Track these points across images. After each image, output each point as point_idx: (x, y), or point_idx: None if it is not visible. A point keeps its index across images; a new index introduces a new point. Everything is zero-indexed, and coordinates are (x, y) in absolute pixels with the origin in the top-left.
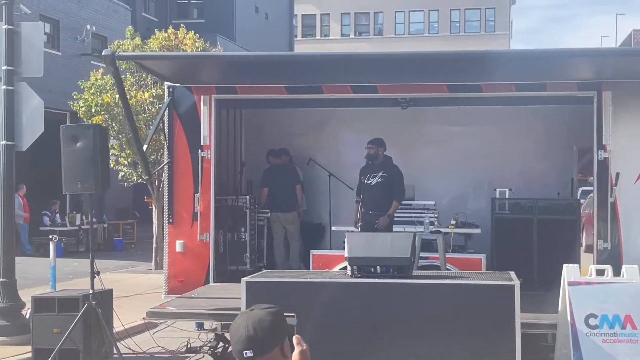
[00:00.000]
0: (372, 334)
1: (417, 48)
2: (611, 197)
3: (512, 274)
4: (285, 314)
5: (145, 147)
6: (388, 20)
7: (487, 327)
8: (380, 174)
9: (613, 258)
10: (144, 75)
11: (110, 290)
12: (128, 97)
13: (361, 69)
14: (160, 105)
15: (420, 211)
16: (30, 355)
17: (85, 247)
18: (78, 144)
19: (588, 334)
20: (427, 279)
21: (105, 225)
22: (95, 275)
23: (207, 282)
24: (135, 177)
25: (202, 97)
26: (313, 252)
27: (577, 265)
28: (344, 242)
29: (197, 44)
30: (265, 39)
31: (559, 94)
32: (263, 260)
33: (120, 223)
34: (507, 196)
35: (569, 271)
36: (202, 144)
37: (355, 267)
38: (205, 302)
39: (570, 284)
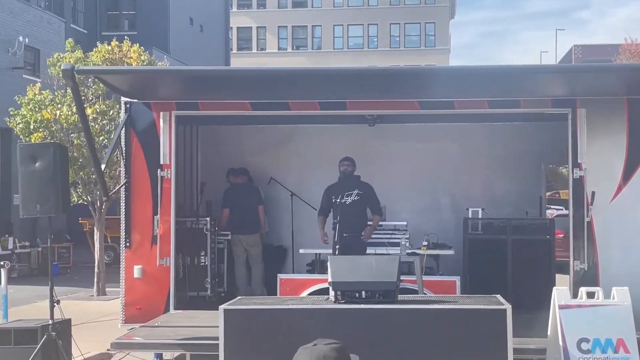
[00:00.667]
0: None
1: (356, 63)
2: (587, 216)
3: (500, 297)
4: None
5: (103, 166)
6: (326, 34)
7: (478, 354)
8: (356, 192)
9: (590, 279)
10: (84, 90)
11: (69, 320)
12: (69, 113)
13: (332, 84)
14: (104, 122)
15: (391, 232)
16: None
17: (18, 273)
18: (37, 164)
19: (580, 359)
20: (415, 304)
21: (40, 249)
22: (55, 304)
23: (167, 309)
24: (75, 198)
25: (161, 113)
26: (280, 276)
27: (567, 287)
28: (327, 265)
29: (142, 57)
30: (201, 52)
31: (533, 110)
32: (223, 285)
33: (56, 247)
34: (479, 216)
35: (559, 294)
36: (161, 162)
37: (339, 293)
38: (172, 331)
39: (561, 307)
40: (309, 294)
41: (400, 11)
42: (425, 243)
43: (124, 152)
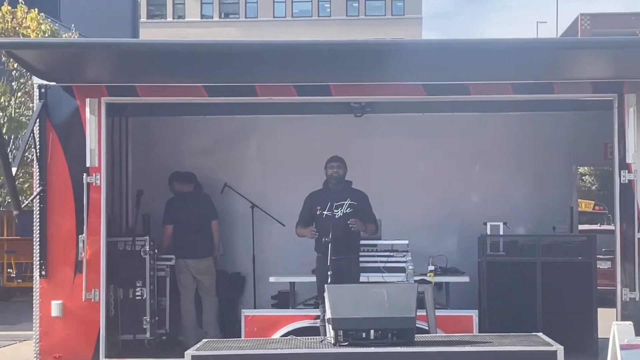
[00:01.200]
0: None
1: (303, 35)
2: (638, 232)
3: (542, 335)
4: None
5: (14, 170)
6: None
7: None
8: (348, 202)
9: None
10: None
11: None
12: None
13: (314, 62)
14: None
15: (388, 254)
16: None
17: None
18: None
19: None
20: (440, 346)
21: None
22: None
23: (95, 358)
24: None
25: (87, 100)
26: (245, 312)
27: (631, 322)
28: (324, 297)
29: (42, 27)
30: (101, 21)
31: (570, 97)
32: (165, 326)
33: None
34: (501, 232)
35: (620, 330)
36: (88, 165)
37: (340, 332)
38: None
39: (623, 347)
40: (282, 336)
41: None
42: (431, 268)
43: (37, 151)
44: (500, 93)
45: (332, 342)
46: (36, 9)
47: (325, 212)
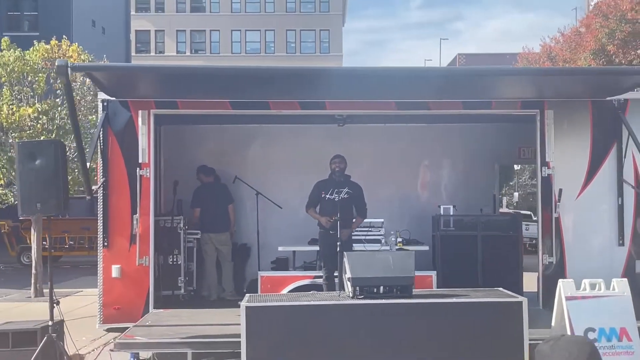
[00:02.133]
0: (378, 355)
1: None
2: (555, 212)
3: (503, 289)
4: None
5: (88, 164)
6: (224, 39)
7: (496, 345)
8: (346, 190)
9: (557, 272)
10: (23, 88)
11: (62, 321)
12: (10, 112)
13: (313, 84)
14: (44, 121)
15: (367, 229)
16: None
17: None
18: (37, 162)
19: None
20: (433, 298)
21: None
22: (55, 305)
23: (146, 309)
24: (11, 198)
25: (140, 112)
26: (261, 273)
27: (572, 280)
28: (345, 261)
29: (82, 57)
30: (103, 54)
31: (504, 112)
32: (192, 284)
33: None
34: (451, 213)
35: (565, 286)
36: (140, 161)
37: (357, 288)
38: (171, 330)
39: (567, 298)
40: (289, 291)
41: (296, 19)
42: (400, 239)
43: (100, 150)
44: (453, 109)
45: (350, 295)
46: (76, 43)
47: (327, 196)
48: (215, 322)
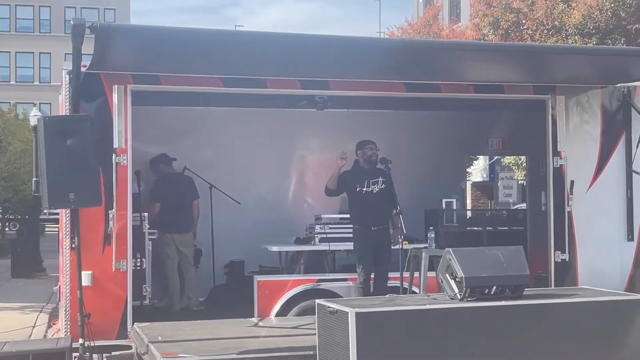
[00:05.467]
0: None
1: None
2: (568, 206)
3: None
4: None
5: None
6: None
7: (620, 345)
8: (381, 179)
9: (569, 269)
10: None
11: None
12: None
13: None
14: None
15: None
16: None
17: None
18: (69, 142)
19: None
20: (547, 299)
21: None
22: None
23: (123, 324)
24: None
25: (115, 87)
26: (258, 278)
27: None
28: (447, 259)
29: None
30: None
31: (516, 97)
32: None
33: None
34: (454, 207)
35: None
36: (115, 146)
37: (468, 289)
38: (220, 345)
39: None
40: (292, 297)
41: None
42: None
43: None
44: (465, 92)
45: (459, 297)
46: None
47: (364, 189)
48: (244, 335)
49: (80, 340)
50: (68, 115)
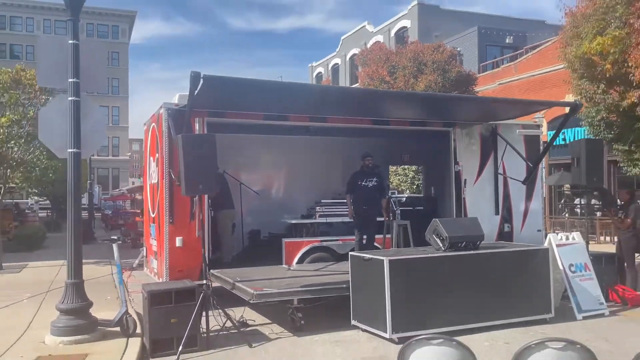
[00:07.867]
0: (463, 289)
1: None
2: (463, 194)
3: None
4: None
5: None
6: None
7: (531, 278)
8: (375, 179)
9: None
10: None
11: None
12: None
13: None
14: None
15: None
16: (137, 348)
17: None
18: (199, 151)
19: (571, 276)
20: (492, 249)
21: None
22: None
23: (201, 271)
24: None
25: (197, 119)
26: (285, 239)
27: (555, 233)
28: (435, 225)
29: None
30: None
31: (434, 129)
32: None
33: None
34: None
35: (553, 238)
36: None
37: (449, 244)
38: (277, 282)
39: (558, 245)
40: (305, 252)
41: None
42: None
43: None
44: (404, 125)
45: (443, 249)
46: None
47: (363, 183)
48: (288, 276)
49: (204, 281)
50: (200, 134)
